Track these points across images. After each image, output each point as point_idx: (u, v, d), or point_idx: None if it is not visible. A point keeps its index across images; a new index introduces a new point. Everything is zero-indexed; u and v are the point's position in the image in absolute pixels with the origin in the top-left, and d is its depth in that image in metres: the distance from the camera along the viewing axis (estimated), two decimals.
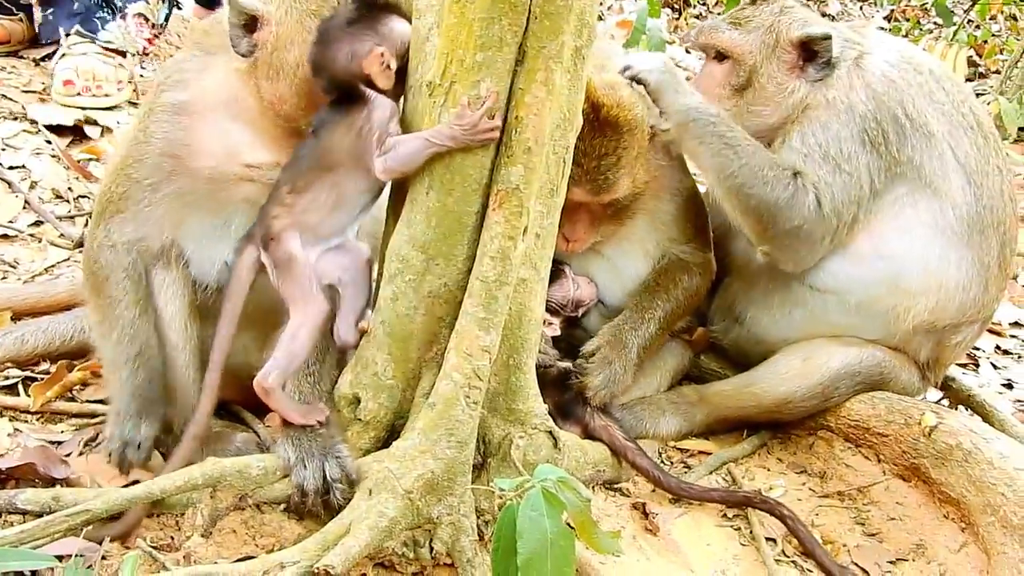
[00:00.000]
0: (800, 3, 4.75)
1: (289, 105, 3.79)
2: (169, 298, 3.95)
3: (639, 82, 4.41)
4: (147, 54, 7.20)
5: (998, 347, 6.55)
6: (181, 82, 3.90)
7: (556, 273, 4.29)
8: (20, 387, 4.49)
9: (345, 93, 3.66)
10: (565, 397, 4.39)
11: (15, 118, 6.51)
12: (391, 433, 3.73)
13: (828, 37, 4.50)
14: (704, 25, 4.82)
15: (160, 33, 7.20)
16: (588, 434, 4.36)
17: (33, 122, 6.48)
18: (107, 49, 6.87)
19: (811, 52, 4.55)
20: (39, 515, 3.39)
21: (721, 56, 4.73)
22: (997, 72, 12.18)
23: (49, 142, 6.36)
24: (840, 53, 4.54)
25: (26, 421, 4.29)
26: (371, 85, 3.64)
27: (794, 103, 4.57)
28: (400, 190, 3.65)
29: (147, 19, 7.06)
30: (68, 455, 4.05)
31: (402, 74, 3.69)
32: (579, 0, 3.41)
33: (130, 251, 3.89)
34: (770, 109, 4.62)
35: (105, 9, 6.93)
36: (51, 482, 3.75)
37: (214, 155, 3.84)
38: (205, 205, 3.91)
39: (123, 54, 6.93)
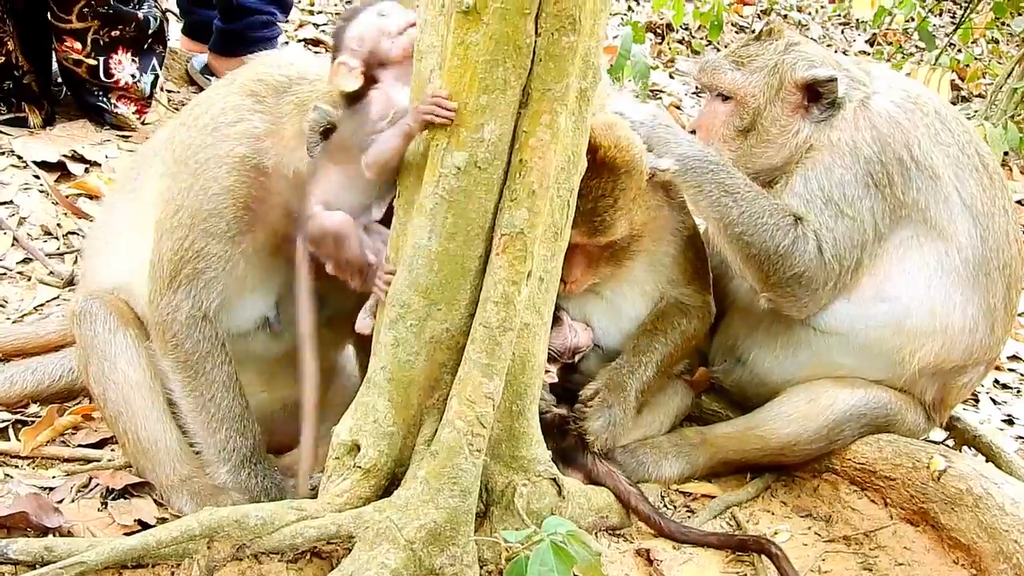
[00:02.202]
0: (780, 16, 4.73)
1: None
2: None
3: None
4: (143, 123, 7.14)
5: (997, 381, 6.52)
6: (253, 138, 3.91)
7: (554, 319, 4.24)
8: (10, 431, 4.42)
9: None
10: (565, 443, 4.33)
11: (2, 153, 6.43)
12: (392, 481, 3.64)
13: (833, 80, 4.46)
14: (707, 63, 4.76)
15: (148, 104, 7.15)
16: (591, 479, 4.30)
17: (20, 157, 6.40)
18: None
19: (816, 93, 4.52)
20: (31, 566, 3.31)
21: (724, 95, 4.68)
22: (980, 96, 12.22)
23: (37, 177, 6.27)
24: (846, 93, 4.50)
25: (16, 466, 4.23)
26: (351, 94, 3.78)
27: (798, 143, 4.54)
28: (401, 235, 3.59)
29: (131, 97, 7.02)
30: (60, 502, 3.99)
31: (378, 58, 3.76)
32: (584, 42, 3.36)
33: (217, 317, 3.96)
34: (773, 150, 4.60)
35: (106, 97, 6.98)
36: (43, 531, 3.69)
37: (282, 212, 3.92)
38: (265, 257, 3.98)
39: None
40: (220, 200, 3.86)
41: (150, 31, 6.97)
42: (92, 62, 6.77)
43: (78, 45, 6.70)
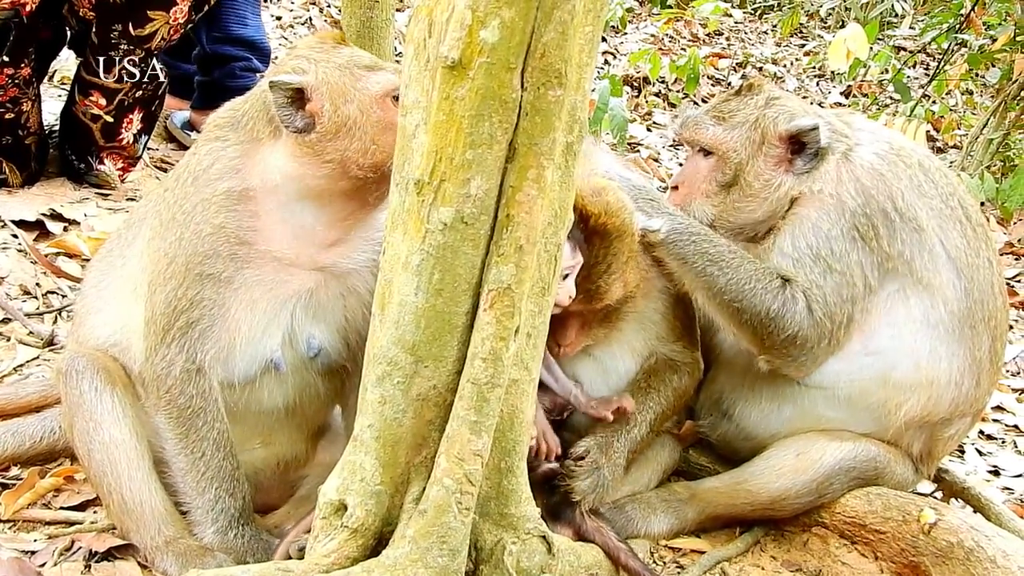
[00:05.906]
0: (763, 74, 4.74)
1: (362, 157, 3.86)
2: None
3: None
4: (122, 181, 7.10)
5: (982, 432, 6.51)
6: (232, 170, 3.91)
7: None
8: None
9: None
10: (554, 499, 4.29)
11: None
12: (380, 541, 3.58)
13: (816, 128, 4.46)
14: (688, 118, 4.76)
15: (135, 164, 7.14)
16: (580, 536, 4.26)
17: None
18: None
19: (800, 144, 4.52)
20: None
21: (706, 151, 4.69)
22: (955, 147, 12.32)
23: (15, 236, 6.23)
24: (828, 144, 4.50)
25: None
26: None
27: (780, 197, 4.54)
28: (387, 291, 3.55)
29: (122, 154, 7.00)
30: (43, 566, 3.94)
31: None
32: (570, 96, 3.35)
33: (212, 370, 3.93)
34: (756, 204, 4.59)
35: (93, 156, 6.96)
36: None
37: (284, 238, 3.93)
38: (263, 297, 3.95)
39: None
40: (214, 239, 3.84)
41: (161, 92, 6.98)
42: (109, 119, 6.76)
43: (103, 101, 6.70)
